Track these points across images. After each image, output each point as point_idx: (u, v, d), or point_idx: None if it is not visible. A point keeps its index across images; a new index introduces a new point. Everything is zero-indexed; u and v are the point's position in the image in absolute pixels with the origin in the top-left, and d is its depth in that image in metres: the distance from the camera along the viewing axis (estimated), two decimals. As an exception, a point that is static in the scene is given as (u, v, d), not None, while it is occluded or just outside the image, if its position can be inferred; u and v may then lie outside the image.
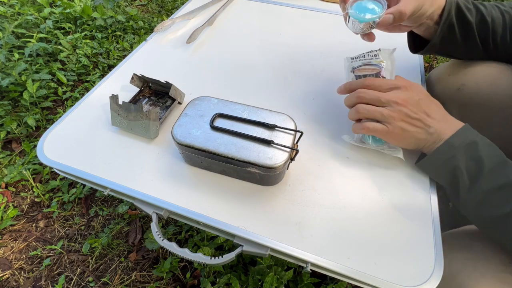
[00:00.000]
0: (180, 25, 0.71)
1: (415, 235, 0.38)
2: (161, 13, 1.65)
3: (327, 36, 0.69)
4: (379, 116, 0.42)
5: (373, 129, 0.42)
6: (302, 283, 0.68)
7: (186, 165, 0.45)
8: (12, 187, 0.90)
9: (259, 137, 0.39)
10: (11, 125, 1.00)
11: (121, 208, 0.84)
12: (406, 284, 0.34)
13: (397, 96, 0.41)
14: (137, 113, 0.46)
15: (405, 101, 0.41)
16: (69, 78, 1.19)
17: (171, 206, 0.41)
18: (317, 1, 0.81)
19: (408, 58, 0.62)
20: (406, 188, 0.43)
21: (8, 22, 1.30)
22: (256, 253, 0.38)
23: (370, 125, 0.42)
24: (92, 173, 0.44)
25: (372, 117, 0.42)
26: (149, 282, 0.73)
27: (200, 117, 0.41)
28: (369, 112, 0.42)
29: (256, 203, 0.41)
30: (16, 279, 0.74)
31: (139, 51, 0.64)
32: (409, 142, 0.42)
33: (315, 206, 0.41)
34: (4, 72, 1.10)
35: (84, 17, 1.44)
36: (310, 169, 0.45)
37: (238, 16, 0.75)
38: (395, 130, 0.41)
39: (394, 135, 0.42)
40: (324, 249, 0.37)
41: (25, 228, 0.83)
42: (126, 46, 1.36)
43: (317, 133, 0.49)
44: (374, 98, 0.42)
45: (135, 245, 0.79)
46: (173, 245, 0.40)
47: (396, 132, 0.41)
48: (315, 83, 0.58)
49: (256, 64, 0.62)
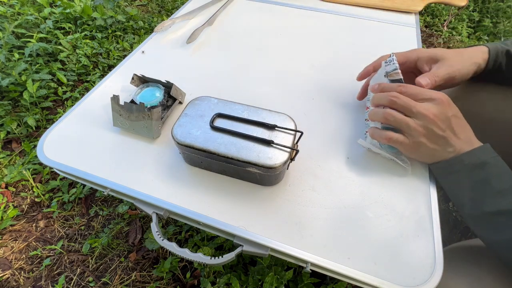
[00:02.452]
0: (180, 25, 0.71)
1: (415, 235, 0.38)
2: (161, 13, 1.65)
3: (327, 36, 0.69)
4: (405, 127, 0.40)
5: (395, 140, 0.41)
6: (302, 283, 0.68)
7: (186, 165, 0.45)
8: (12, 187, 0.90)
9: (259, 137, 0.39)
10: (11, 125, 1.00)
11: (121, 208, 0.84)
12: (406, 284, 0.34)
13: (429, 109, 0.39)
14: (139, 113, 0.46)
15: (436, 117, 0.39)
16: (69, 78, 1.19)
17: (171, 206, 0.41)
18: (317, 1, 0.81)
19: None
20: (406, 188, 0.43)
21: (8, 22, 1.30)
22: (256, 253, 0.38)
23: (394, 136, 0.41)
24: (92, 173, 0.44)
25: (397, 126, 0.41)
26: (149, 282, 0.73)
27: (200, 117, 0.41)
28: (396, 120, 0.40)
29: (256, 203, 0.41)
30: (16, 279, 0.74)
31: (139, 51, 0.64)
32: (422, 155, 0.42)
33: (315, 206, 0.41)
34: (4, 72, 1.10)
35: (84, 17, 1.44)
36: (310, 169, 0.45)
37: (238, 16, 0.75)
38: (414, 143, 0.40)
39: (411, 148, 0.41)
40: (324, 249, 0.37)
41: (25, 228, 0.83)
42: (126, 46, 1.36)
43: (317, 133, 0.49)
44: (406, 106, 0.40)
45: (135, 245, 0.79)
46: (173, 245, 0.40)
47: (416, 146, 0.41)
48: (315, 83, 0.58)
49: (256, 64, 0.62)
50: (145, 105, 0.46)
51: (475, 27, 1.78)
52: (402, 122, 0.40)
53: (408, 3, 0.79)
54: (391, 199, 0.42)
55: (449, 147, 0.40)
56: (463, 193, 0.39)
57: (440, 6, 1.82)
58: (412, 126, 0.39)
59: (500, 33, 1.69)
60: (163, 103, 0.50)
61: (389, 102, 0.41)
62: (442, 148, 0.40)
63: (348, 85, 0.57)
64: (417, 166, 0.45)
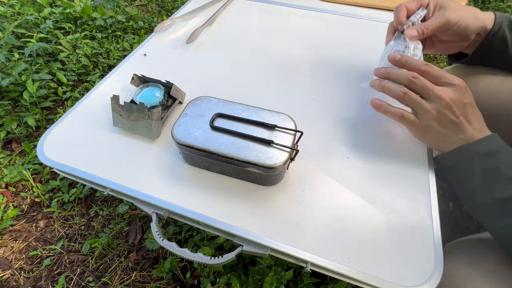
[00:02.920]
0: (180, 25, 0.71)
1: (415, 235, 0.38)
2: (161, 13, 1.65)
3: (327, 36, 0.69)
4: (419, 108, 0.41)
5: (407, 118, 0.42)
6: (302, 283, 0.68)
7: (186, 165, 0.45)
8: (12, 187, 0.90)
9: (259, 137, 0.39)
10: (11, 125, 1.00)
11: (121, 208, 0.84)
12: (406, 284, 0.34)
13: (446, 93, 0.39)
14: (139, 113, 0.46)
15: (452, 101, 0.39)
16: (69, 78, 1.19)
17: (171, 206, 0.41)
18: (317, 1, 0.81)
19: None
20: (406, 188, 0.43)
21: (8, 22, 1.30)
22: (256, 253, 0.38)
23: (406, 114, 0.42)
24: (92, 173, 0.44)
25: (412, 107, 0.42)
26: (149, 282, 0.73)
27: (200, 117, 0.41)
28: (413, 102, 0.41)
29: (256, 203, 0.41)
30: (16, 279, 0.74)
31: (139, 51, 0.64)
32: (431, 139, 0.42)
33: (315, 206, 0.41)
34: (4, 72, 1.10)
35: (84, 17, 1.44)
36: (310, 169, 0.45)
37: (238, 16, 0.75)
38: (424, 125, 0.41)
39: (421, 130, 0.42)
40: (324, 249, 0.37)
41: (25, 228, 0.83)
42: (126, 46, 1.36)
43: (317, 133, 0.49)
44: (424, 88, 0.40)
45: (135, 245, 0.79)
46: (173, 245, 0.40)
47: (426, 129, 0.41)
48: (315, 83, 0.58)
49: (256, 64, 0.62)
50: (145, 105, 0.46)
51: (475, 27, 1.78)
52: (417, 103, 0.40)
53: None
54: (391, 199, 0.42)
55: (460, 133, 0.40)
56: (475, 181, 0.38)
57: (440, 6, 1.82)
58: (426, 108, 0.40)
59: (500, 33, 1.69)
60: (163, 103, 0.50)
61: (408, 82, 0.41)
62: (453, 133, 0.40)
63: (348, 85, 0.57)
64: (417, 166, 0.45)
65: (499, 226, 0.37)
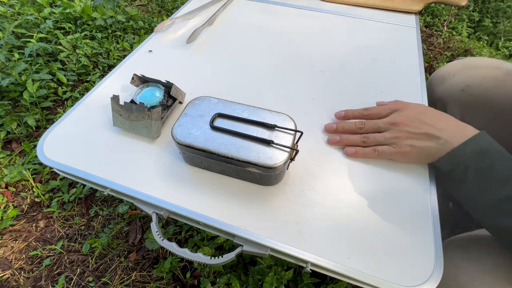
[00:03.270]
0: (180, 25, 0.71)
1: (415, 235, 0.38)
2: (161, 13, 1.65)
3: (327, 36, 0.69)
4: (383, 140, 0.43)
5: (381, 151, 0.43)
6: (302, 283, 0.68)
7: (186, 165, 0.45)
8: (12, 187, 0.90)
9: (259, 137, 0.39)
10: (11, 125, 1.00)
11: (121, 208, 0.84)
12: (406, 284, 0.34)
13: (394, 118, 0.43)
14: (139, 113, 0.46)
15: (405, 120, 0.42)
16: (69, 78, 1.20)
17: (171, 206, 0.41)
18: (317, 1, 0.81)
19: (408, 58, 0.62)
20: (406, 188, 0.43)
21: (8, 22, 1.30)
22: (256, 253, 0.38)
23: (380, 148, 0.43)
24: (92, 173, 0.44)
25: (378, 143, 0.44)
26: (149, 282, 0.73)
27: (200, 117, 0.41)
28: (377, 139, 0.44)
29: (256, 203, 0.41)
30: (16, 279, 0.74)
31: (139, 51, 0.64)
32: (421, 157, 0.43)
33: (315, 206, 0.41)
34: (4, 72, 1.10)
35: (84, 17, 1.44)
36: (310, 169, 0.45)
37: (238, 16, 0.75)
38: (403, 148, 0.42)
39: (405, 154, 0.42)
40: (324, 249, 0.37)
41: (25, 228, 0.83)
42: (126, 46, 1.36)
43: (317, 133, 0.49)
44: (374, 126, 0.44)
45: (135, 245, 0.79)
46: (173, 245, 0.40)
47: (406, 150, 0.42)
48: (315, 83, 0.58)
49: (256, 64, 0.62)
50: (145, 105, 0.46)
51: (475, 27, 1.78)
52: (379, 137, 0.43)
53: (408, 3, 0.79)
54: (391, 199, 0.42)
55: (438, 139, 0.40)
56: (471, 182, 0.38)
57: (440, 6, 1.82)
58: (388, 136, 0.43)
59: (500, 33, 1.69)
60: (163, 103, 0.50)
61: (359, 130, 0.45)
62: (432, 142, 0.40)
63: (348, 85, 0.57)
64: (417, 166, 0.45)
65: (500, 226, 0.37)
